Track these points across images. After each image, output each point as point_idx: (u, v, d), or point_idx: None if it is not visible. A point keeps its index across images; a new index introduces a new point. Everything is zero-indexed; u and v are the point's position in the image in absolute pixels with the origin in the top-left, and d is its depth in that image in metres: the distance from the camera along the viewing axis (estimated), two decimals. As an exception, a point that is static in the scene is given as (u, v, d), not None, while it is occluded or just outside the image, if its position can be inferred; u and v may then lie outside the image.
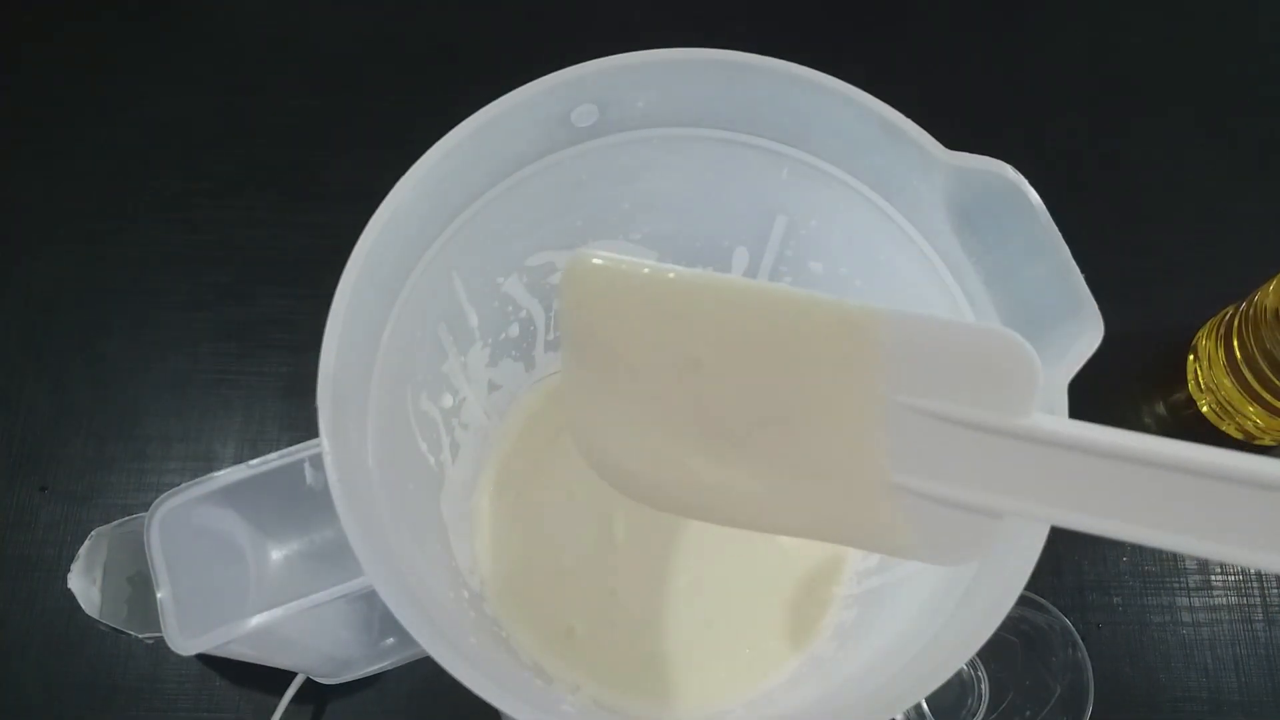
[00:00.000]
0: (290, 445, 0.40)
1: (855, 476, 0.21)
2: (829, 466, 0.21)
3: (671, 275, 0.22)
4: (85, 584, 0.40)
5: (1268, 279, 0.45)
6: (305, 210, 0.55)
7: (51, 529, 0.48)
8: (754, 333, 0.21)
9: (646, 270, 0.23)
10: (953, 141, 0.30)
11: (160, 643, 0.36)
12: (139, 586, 0.42)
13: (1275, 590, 0.47)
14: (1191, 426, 0.50)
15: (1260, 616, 0.47)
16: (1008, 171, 0.27)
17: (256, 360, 0.51)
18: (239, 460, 0.49)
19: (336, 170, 0.56)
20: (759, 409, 0.22)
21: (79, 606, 0.40)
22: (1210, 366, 0.49)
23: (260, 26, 0.60)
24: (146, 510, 0.38)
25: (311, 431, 0.27)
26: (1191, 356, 0.51)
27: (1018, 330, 0.28)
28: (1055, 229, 0.27)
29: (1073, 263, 0.27)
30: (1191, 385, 0.51)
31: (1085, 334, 0.26)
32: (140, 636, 0.40)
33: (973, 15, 0.61)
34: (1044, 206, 0.27)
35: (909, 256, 0.32)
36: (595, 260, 0.23)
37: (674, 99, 0.32)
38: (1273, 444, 0.49)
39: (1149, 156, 0.57)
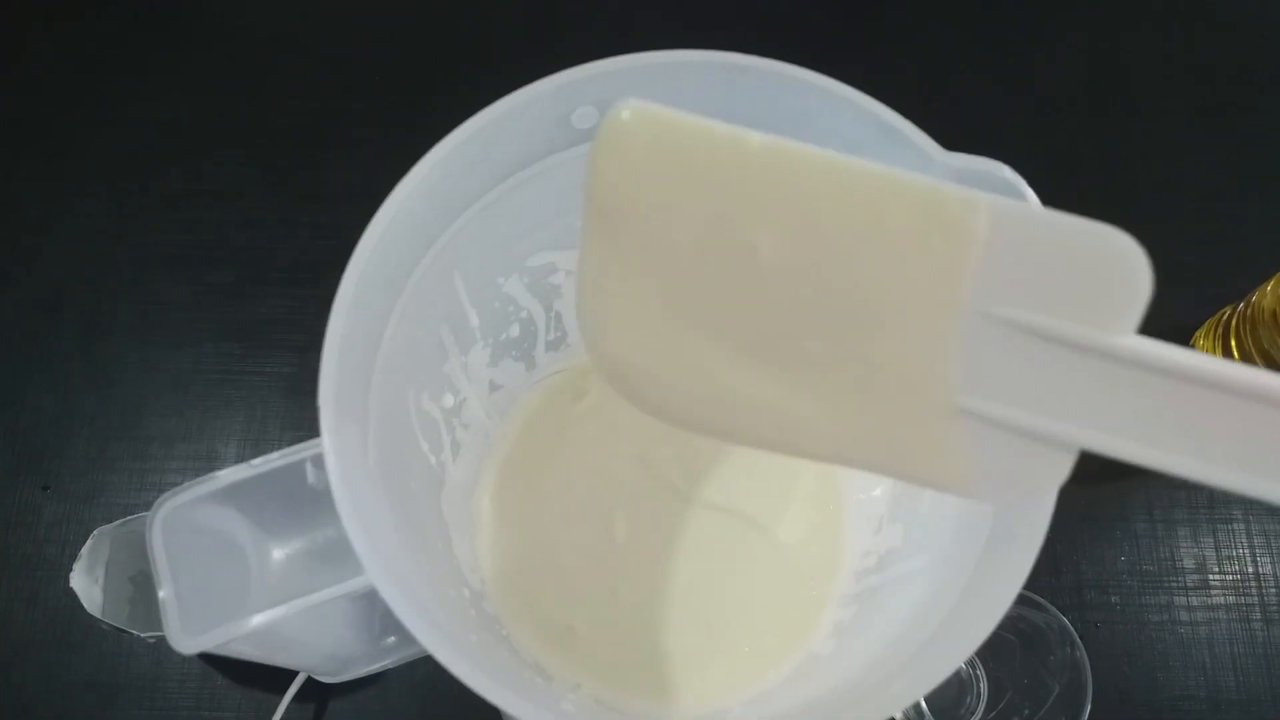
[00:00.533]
0: (292, 445, 0.40)
1: (919, 396, 0.18)
2: (891, 383, 0.18)
3: (737, 135, 0.19)
4: (87, 583, 0.40)
5: (1266, 280, 0.45)
6: (306, 210, 0.55)
7: (54, 528, 0.48)
8: (828, 216, 0.18)
9: (706, 126, 0.19)
10: (952, 142, 0.30)
11: (162, 642, 0.36)
12: (141, 586, 0.43)
13: (1273, 590, 0.48)
14: (1190, 426, 0.50)
15: (1258, 616, 0.47)
16: (1005, 171, 0.27)
17: (258, 360, 0.52)
18: (241, 460, 0.50)
19: (338, 170, 0.56)
20: (822, 309, 0.19)
21: (81, 605, 0.40)
22: (1209, 366, 0.49)
23: (261, 26, 0.60)
24: (148, 510, 0.38)
25: (314, 431, 0.27)
26: (1190, 356, 0.51)
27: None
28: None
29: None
30: (1190, 385, 0.51)
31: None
32: (142, 635, 0.40)
33: (973, 15, 0.61)
34: (1042, 207, 0.27)
35: None
36: (644, 108, 0.20)
37: (674, 100, 0.32)
38: (1271, 444, 0.49)
39: (1148, 156, 0.57)
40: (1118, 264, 0.17)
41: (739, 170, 0.19)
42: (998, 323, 0.17)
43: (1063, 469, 0.18)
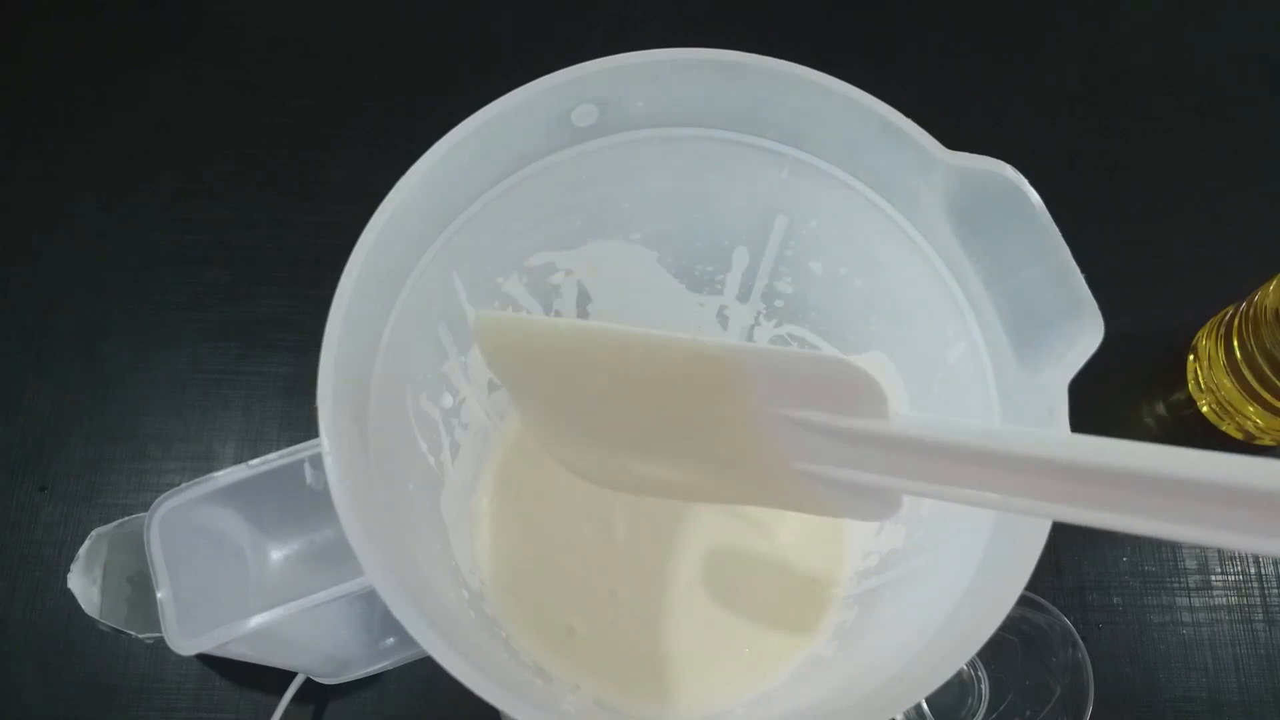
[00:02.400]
0: (290, 445, 0.40)
1: (762, 466, 0.25)
2: (737, 460, 0.25)
3: (561, 326, 0.27)
4: (85, 584, 0.40)
5: (1268, 279, 0.45)
6: (305, 210, 0.55)
7: (51, 529, 0.48)
8: (639, 370, 0.25)
9: (539, 321, 0.28)
10: (953, 141, 0.30)
11: (160, 642, 0.36)
12: (139, 586, 0.42)
13: (1275, 590, 0.47)
14: (1191, 426, 0.50)
15: (1260, 617, 0.47)
16: (1007, 171, 0.27)
17: (256, 360, 0.51)
18: (239, 460, 0.49)
19: (336, 170, 0.56)
20: (666, 425, 0.26)
21: (79, 606, 0.40)
22: (1210, 366, 0.49)
23: (260, 26, 0.60)
24: (146, 510, 0.38)
25: (312, 431, 0.27)
26: (1191, 356, 0.51)
27: (1018, 329, 0.28)
28: (1055, 229, 0.27)
29: (1072, 263, 0.27)
30: (1191, 385, 0.51)
31: (1085, 334, 0.26)
32: (140, 636, 0.40)
33: (973, 15, 0.61)
34: (1044, 206, 0.27)
35: (909, 256, 0.32)
36: (495, 315, 0.28)
37: (673, 99, 0.32)
38: (1273, 444, 0.49)
39: (1149, 156, 0.57)
40: (854, 381, 0.22)
41: (567, 347, 0.26)
42: (792, 419, 0.23)
43: (896, 498, 0.24)
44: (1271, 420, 0.47)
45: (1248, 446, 0.50)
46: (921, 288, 0.32)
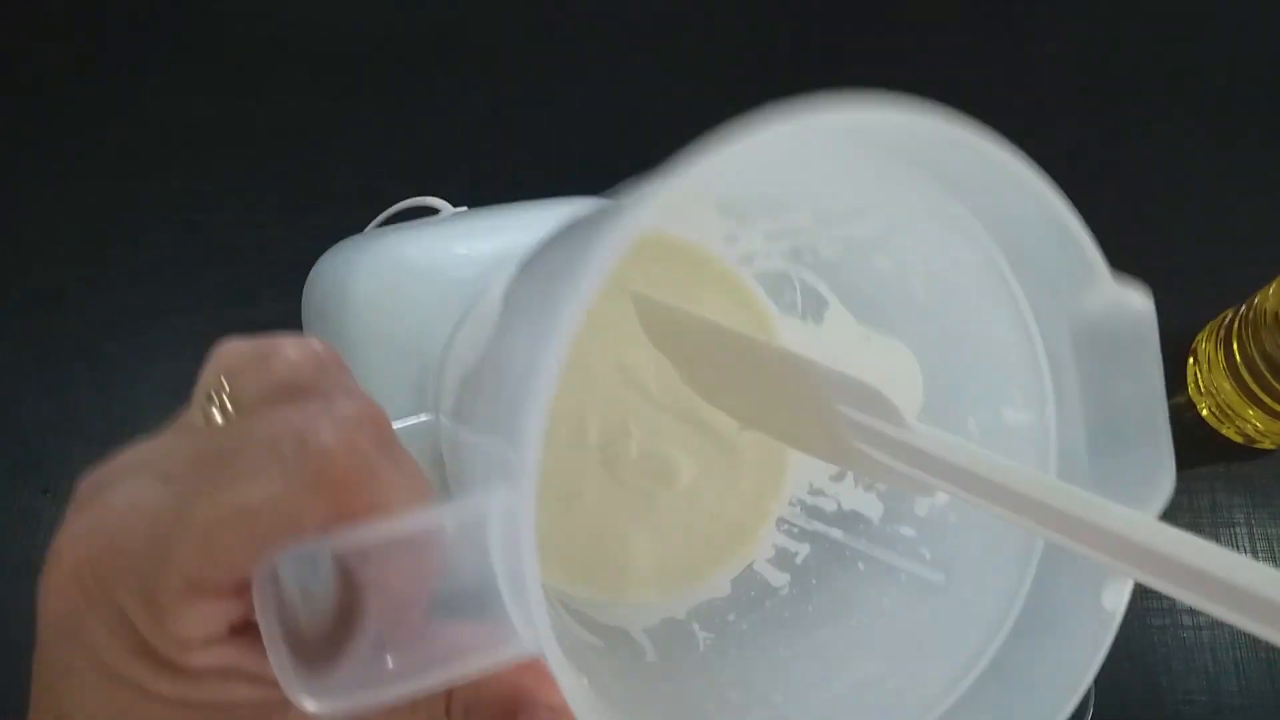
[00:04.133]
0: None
1: (831, 436, 0.29)
2: (812, 425, 0.29)
3: (692, 319, 0.32)
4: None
5: (1267, 282, 0.45)
6: (306, 211, 0.55)
7: (54, 532, 0.48)
8: (748, 359, 0.31)
9: (677, 311, 0.32)
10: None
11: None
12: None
13: (1275, 593, 0.47)
14: (1191, 430, 0.50)
15: (1260, 619, 0.47)
16: (1147, 301, 0.27)
17: (258, 362, 0.51)
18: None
19: (337, 171, 0.56)
20: (767, 391, 0.31)
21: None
22: (1210, 369, 0.49)
23: (261, 27, 0.60)
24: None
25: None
26: (1191, 359, 0.51)
27: (1098, 436, 0.28)
28: (1159, 361, 0.27)
29: (1164, 400, 0.26)
30: (1191, 388, 0.51)
31: (1160, 472, 0.26)
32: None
33: (973, 15, 0.61)
34: (1158, 337, 0.27)
35: (1003, 311, 0.31)
36: (648, 300, 0.33)
37: (864, 154, 0.31)
38: (1272, 447, 0.49)
39: (1149, 158, 0.57)
40: (874, 398, 0.27)
41: (696, 332, 0.33)
42: (844, 410, 0.28)
43: (924, 487, 0.27)
44: (1271, 423, 0.47)
45: (1247, 450, 0.50)
46: (1000, 336, 0.31)
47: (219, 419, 0.20)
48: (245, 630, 0.19)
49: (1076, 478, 0.28)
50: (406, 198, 0.55)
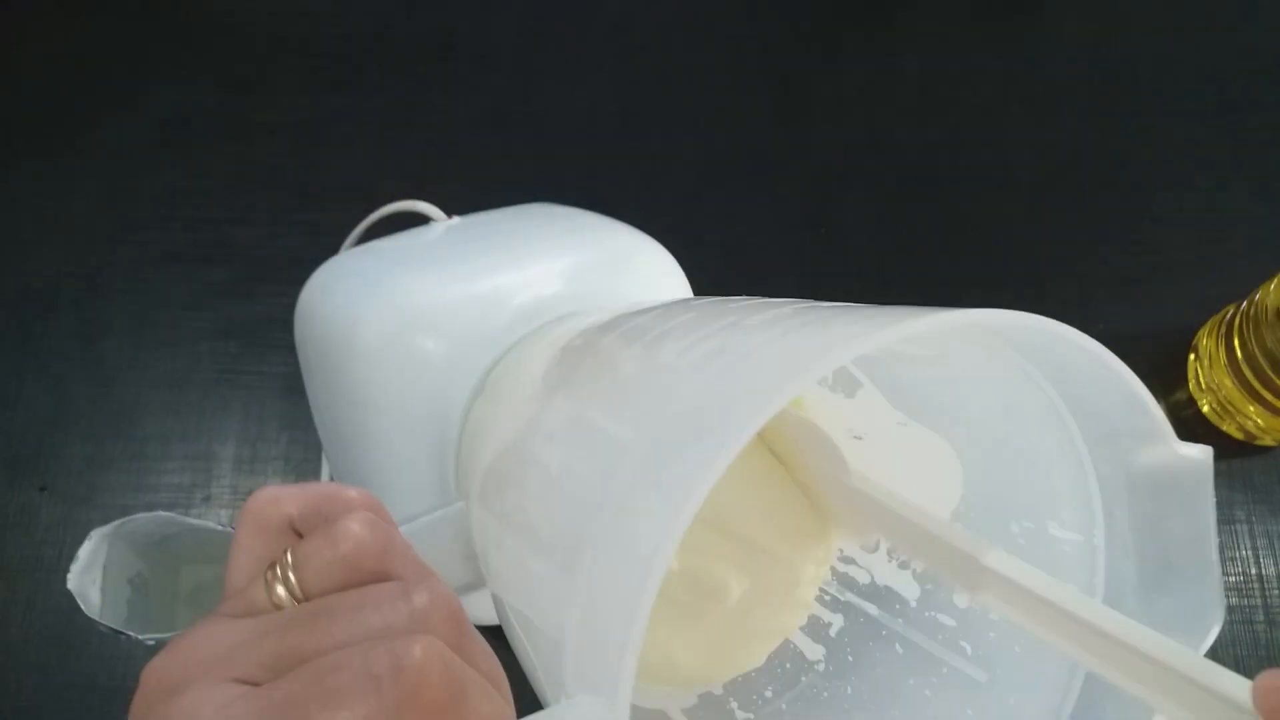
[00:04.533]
0: (288, 445, 0.40)
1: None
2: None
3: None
4: (85, 584, 0.40)
5: (1268, 278, 0.45)
6: (304, 209, 0.54)
7: (51, 529, 0.48)
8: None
9: None
10: (952, 142, 0.30)
11: (160, 643, 0.36)
12: (139, 587, 0.42)
13: (1276, 592, 0.47)
14: (1192, 426, 0.50)
15: (1261, 618, 0.47)
16: (1207, 453, 0.27)
17: (256, 359, 0.51)
18: (238, 460, 0.49)
19: (335, 169, 0.56)
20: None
21: (79, 607, 0.39)
22: (1211, 366, 0.49)
23: (260, 26, 0.60)
24: (146, 510, 0.38)
25: (310, 430, 0.26)
26: (1192, 356, 0.51)
27: (1148, 565, 0.28)
28: (1213, 499, 0.26)
29: (1215, 539, 0.26)
30: (1192, 385, 0.51)
31: (1210, 608, 0.25)
32: (140, 637, 0.40)
33: (974, 15, 0.61)
34: (1212, 478, 0.27)
35: (1063, 453, 0.30)
36: None
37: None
38: (1273, 444, 0.49)
39: (1149, 155, 0.56)
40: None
41: None
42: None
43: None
44: (1272, 420, 0.47)
45: (1248, 446, 0.50)
46: (1051, 460, 0.30)
47: (285, 599, 0.20)
48: None
49: (1124, 603, 0.28)
50: (402, 195, 0.55)
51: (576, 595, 0.21)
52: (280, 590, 0.20)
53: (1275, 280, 0.44)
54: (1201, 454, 0.26)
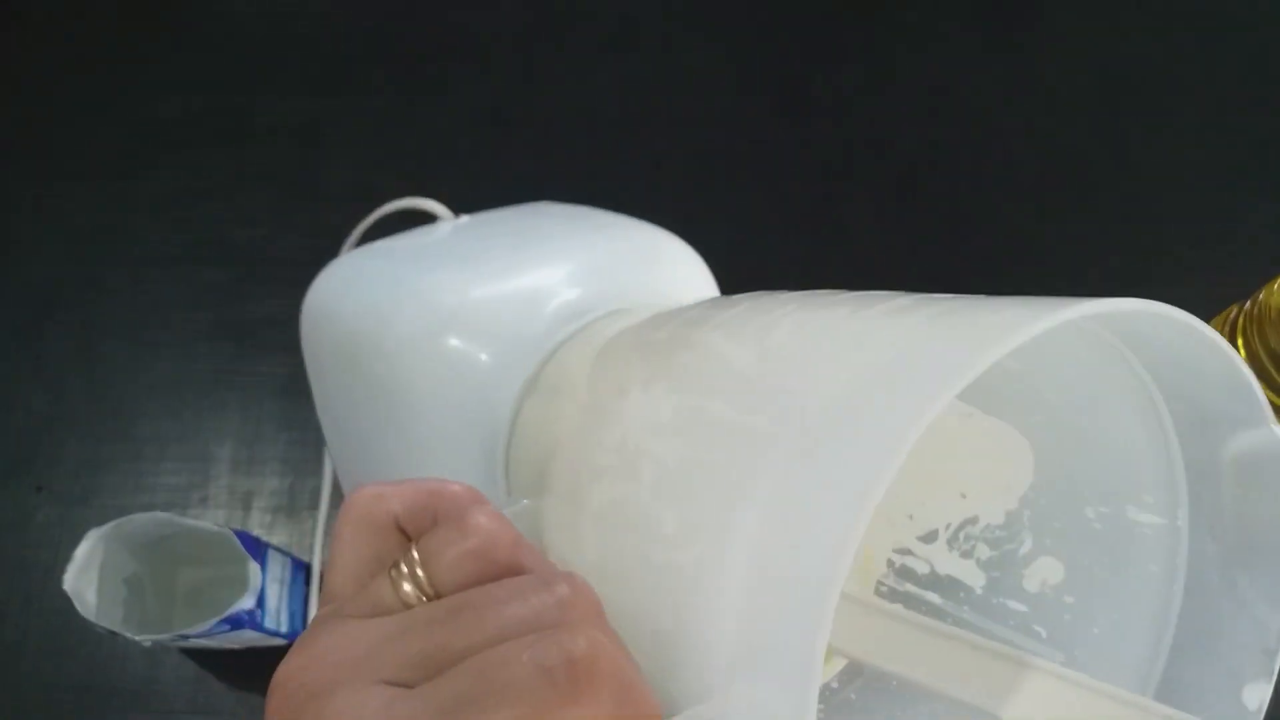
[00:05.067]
0: (286, 446, 0.40)
1: None
2: None
3: None
4: (81, 585, 0.40)
5: (1272, 278, 0.45)
6: (302, 210, 0.54)
7: (47, 530, 0.48)
8: None
9: None
10: (953, 140, 0.30)
11: (157, 645, 0.35)
12: (135, 588, 0.42)
13: None
14: (1195, 427, 0.50)
15: (1265, 618, 0.47)
16: None
17: (253, 360, 0.51)
18: (236, 461, 0.49)
19: (334, 170, 0.55)
20: None
21: (75, 608, 0.39)
22: (1214, 366, 0.48)
23: (260, 27, 0.60)
24: (143, 511, 0.38)
25: (307, 432, 0.26)
26: (1195, 356, 0.51)
27: (1232, 549, 0.28)
28: None
29: None
30: (1195, 385, 0.50)
31: None
32: (136, 638, 0.39)
33: (974, 15, 0.61)
34: None
35: (1149, 435, 0.30)
36: None
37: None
38: (1277, 444, 0.49)
39: (1153, 156, 0.56)
40: None
41: None
42: None
43: None
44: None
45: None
46: (1134, 446, 0.30)
47: (413, 596, 0.19)
48: None
49: (1206, 581, 0.29)
50: (402, 195, 0.55)
51: (725, 585, 0.21)
52: (408, 587, 0.19)
53: (1276, 281, 0.44)
54: None
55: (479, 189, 0.55)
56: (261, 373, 0.51)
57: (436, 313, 0.34)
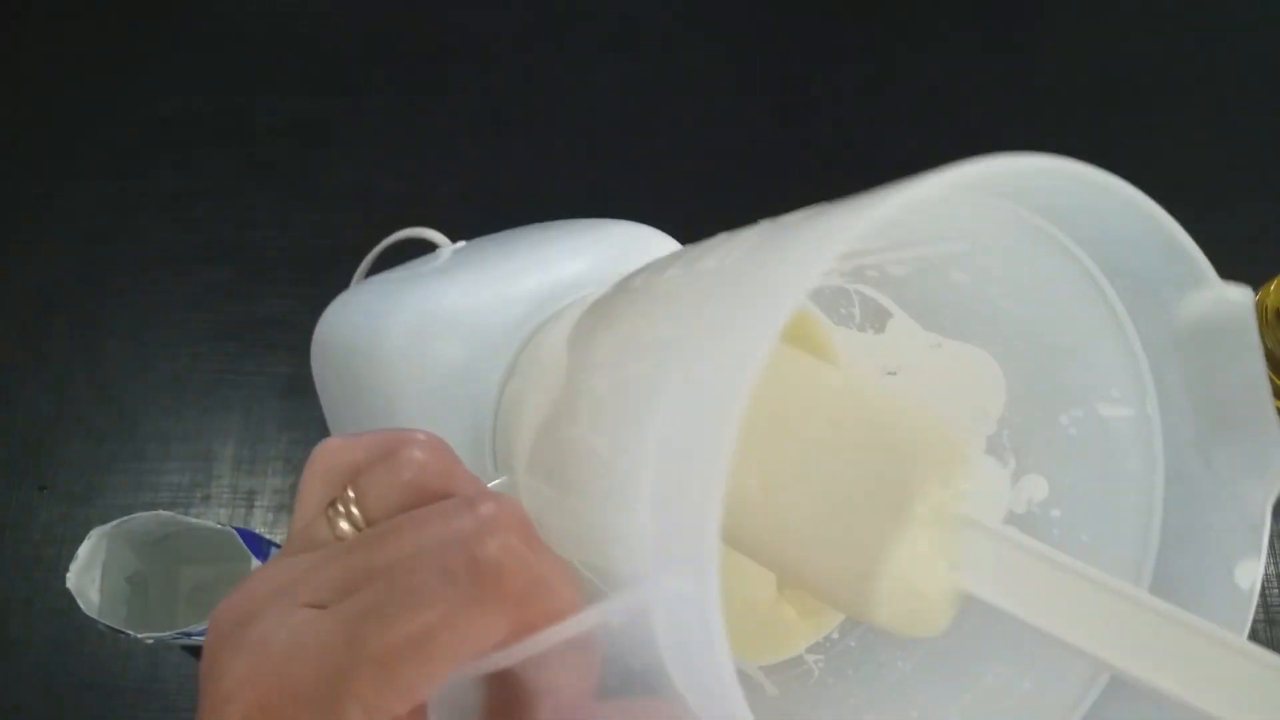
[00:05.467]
0: (288, 445, 0.40)
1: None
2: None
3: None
4: (84, 584, 0.40)
5: (1269, 279, 0.45)
6: (304, 210, 0.55)
7: (51, 529, 0.48)
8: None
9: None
10: (953, 140, 0.30)
11: (159, 643, 0.36)
12: (138, 586, 0.42)
13: (1275, 590, 0.47)
14: (1192, 426, 0.50)
15: (1260, 616, 0.47)
16: (1245, 293, 0.27)
17: (256, 360, 0.51)
18: (238, 460, 0.50)
19: (335, 170, 0.56)
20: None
21: (78, 606, 0.39)
22: (1211, 366, 0.48)
23: (260, 26, 0.60)
24: (145, 510, 0.38)
25: (308, 432, 0.26)
26: (1192, 356, 0.51)
27: (1208, 429, 0.28)
28: (1260, 349, 0.26)
29: (1267, 384, 0.26)
30: (1192, 385, 0.51)
31: (1272, 452, 0.25)
32: (139, 636, 0.40)
33: (974, 15, 0.61)
34: (1256, 325, 0.26)
35: (1093, 310, 0.30)
36: None
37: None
38: (1273, 444, 0.49)
39: (1149, 154, 0.56)
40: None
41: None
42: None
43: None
44: (1272, 420, 0.46)
45: (1248, 446, 0.49)
46: (1092, 338, 0.31)
47: (347, 530, 0.20)
48: None
49: (1184, 463, 0.28)
50: (402, 196, 0.55)
51: (643, 480, 0.21)
52: (344, 525, 0.20)
53: (1275, 282, 0.44)
54: (1242, 294, 0.26)
55: (479, 189, 0.55)
56: (264, 372, 0.51)
57: (425, 316, 0.36)
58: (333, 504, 0.20)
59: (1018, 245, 0.29)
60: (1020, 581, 0.25)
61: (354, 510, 0.20)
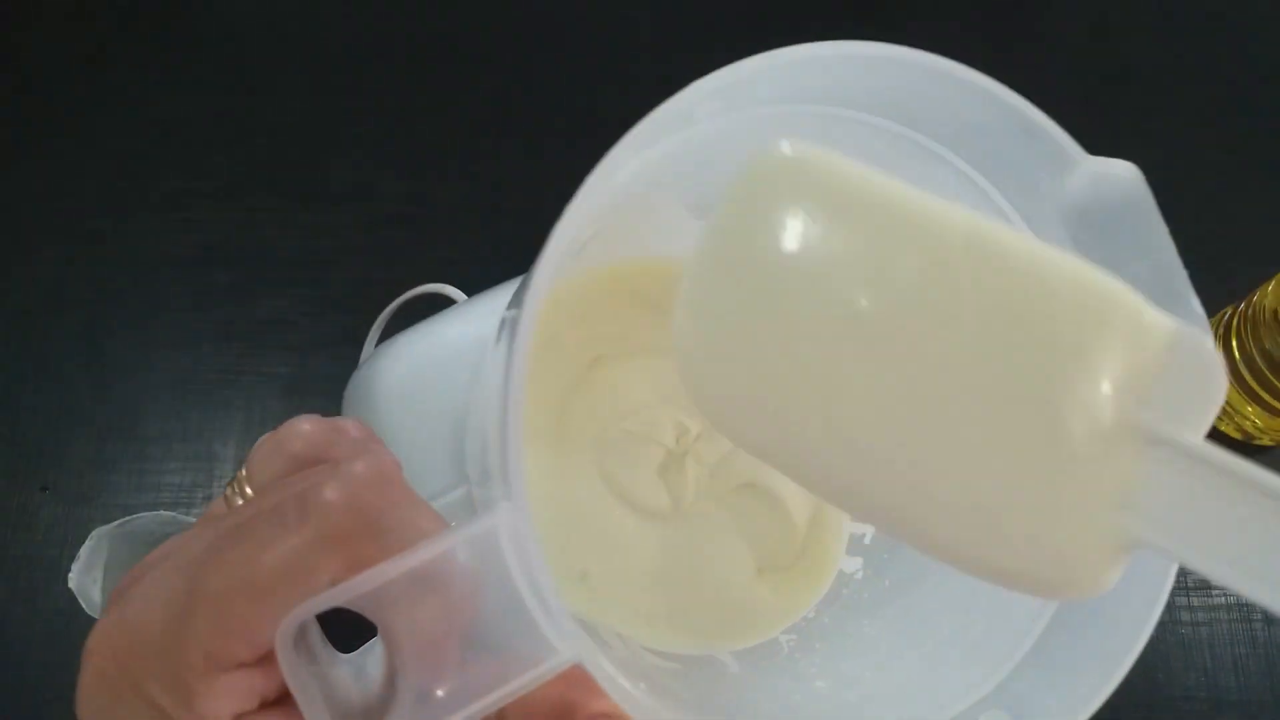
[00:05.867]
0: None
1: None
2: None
3: (895, 192, 0.20)
4: (86, 584, 0.40)
5: (1267, 279, 0.45)
6: (306, 210, 0.55)
7: (52, 529, 0.48)
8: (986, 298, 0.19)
9: (860, 178, 0.20)
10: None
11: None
12: (140, 587, 0.42)
13: (1274, 590, 0.47)
14: (1191, 426, 0.50)
15: (1259, 616, 0.47)
16: (1132, 171, 0.26)
17: (257, 360, 0.51)
18: (240, 461, 0.50)
19: (337, 170, 0.56)
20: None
21: (80, 606, 0.40)
22: (1209, 366, 0.49)
23: (260, 26, 0.60)
24: (147, 510, 0.38)
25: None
26: (1191, 356, 0.51)
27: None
28: (1165, 228, 0.26)
29: (1180, 266, 0.26)
30: (1191, 385, 0.51)
31: (1196, 324, 0.25)
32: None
33: (974, 16, 0.61)
34: (1156, 205, 0.26)
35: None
36: (795, 153, 0.21)
37: (804, 96, 0.30)
38: (1272, 444, 0.49)
39: (1147, 156, 0.56)
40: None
41: (876, 223, 0.20)
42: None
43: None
44: (1270, 420, 0.47)
45: (1246, 446, 0.50)
46: None
47: (239, 503, 0.21)
48: (280, 703, 0.19)
49: None
50: (402, 196, 0.55)
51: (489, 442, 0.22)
52: (235, 498, 0.21)
53: (1273, 282, 0.44)
54: (1126, 170, 0.26)
55: (479, 189, 0.55)
56: (265, 373, 0.51)
57: (412, 359, 0.40)
58: (231, 481, 0.21)
59: (884, 156, 0.26)
60: (1219, 531, 0.19)
61: (245, 484, 0.21)
